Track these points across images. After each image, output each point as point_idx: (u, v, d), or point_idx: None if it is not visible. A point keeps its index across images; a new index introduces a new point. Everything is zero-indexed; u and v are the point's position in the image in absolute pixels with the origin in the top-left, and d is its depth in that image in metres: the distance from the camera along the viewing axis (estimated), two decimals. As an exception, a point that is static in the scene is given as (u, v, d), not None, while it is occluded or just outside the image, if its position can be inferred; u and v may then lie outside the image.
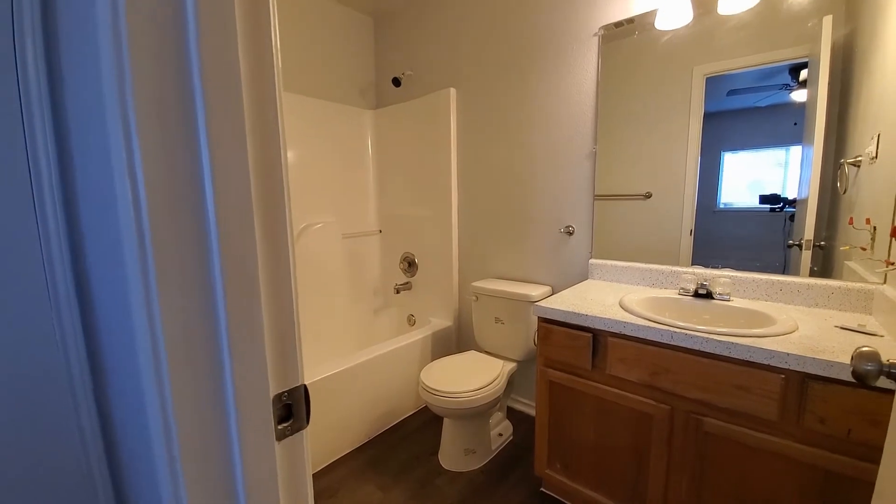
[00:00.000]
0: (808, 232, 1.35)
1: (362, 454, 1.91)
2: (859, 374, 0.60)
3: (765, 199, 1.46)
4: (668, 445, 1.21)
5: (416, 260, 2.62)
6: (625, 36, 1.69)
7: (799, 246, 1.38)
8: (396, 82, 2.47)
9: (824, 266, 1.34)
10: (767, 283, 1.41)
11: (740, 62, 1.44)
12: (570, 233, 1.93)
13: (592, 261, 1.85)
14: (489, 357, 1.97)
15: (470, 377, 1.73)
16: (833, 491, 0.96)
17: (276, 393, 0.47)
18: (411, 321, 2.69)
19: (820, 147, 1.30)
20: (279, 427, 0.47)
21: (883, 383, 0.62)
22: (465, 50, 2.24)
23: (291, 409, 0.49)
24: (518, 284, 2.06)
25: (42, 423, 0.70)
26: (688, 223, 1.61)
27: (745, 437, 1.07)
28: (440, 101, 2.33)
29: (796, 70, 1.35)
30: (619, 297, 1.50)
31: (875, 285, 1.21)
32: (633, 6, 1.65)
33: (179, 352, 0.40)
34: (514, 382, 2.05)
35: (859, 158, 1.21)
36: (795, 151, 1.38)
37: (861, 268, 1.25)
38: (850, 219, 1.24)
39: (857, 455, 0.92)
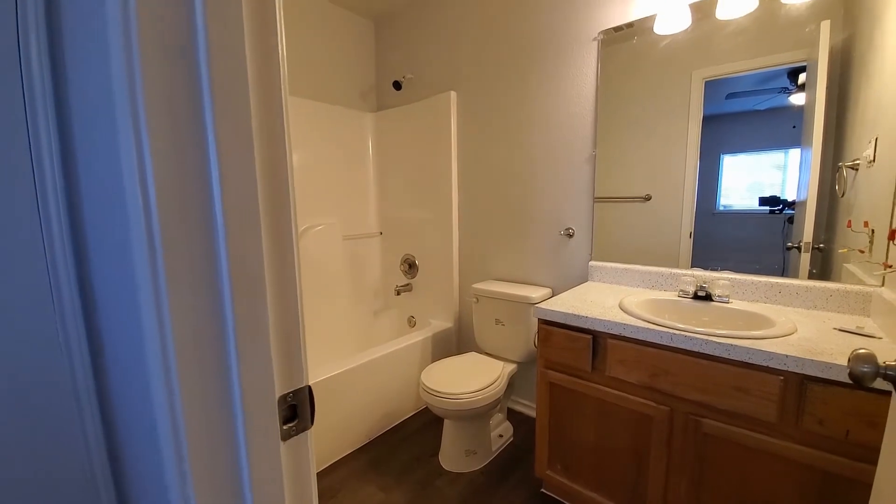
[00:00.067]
0: (807, 234, 1.36)
1: (363, 455, 1.91)
2: (856, 375, 0.61)
3: (764, 202, 1.46)
4: (668, 447, 1.21)
5: (417, 262, 2.62)
6: (624, 40, 1.70)
7: (798, 248, 1.39)
8: (397, 86, 2.48)
9: (823, 268, 1.35)
10: (766, 286, 1.42)
11: (739, 66, 1.45)
12: (570, 235, 1.94)
13: (592, 263, 1.86)
14: (489, 358, 1.98)
15: (470, 378, 1.74)
16: (832, 492, 0.97)
17: (281, 394, 0.47)
18: (412, 323, 2.69)
19: (818, 150, 1.30)
20: (284, 427, 0.48)
21: (880, 385, 0.63)
22: (466, 54, 2.25)
23: (296, 409, 0.49)
24: (518, 286, 2.06)
25: (45, 425, 0.70)
26: (687, 225, 1.62)
27: (744, 439, 1.08)
28: (440, 105, 2.34)
29: (795, 73, 1.35)
30: (618, 299, 1.50)
31: (873, 288, 1.22)
32: (632, 11, 1.66)
33: (188, 352, 0.40)
34: (514, 384, 2.06)
35: (857, 162, 1.22)
36: (794, 154, 1.39)
37: (859, 270, 1.26)
38: (849, 221, 1.25)
39: (856, 456, 0.92)
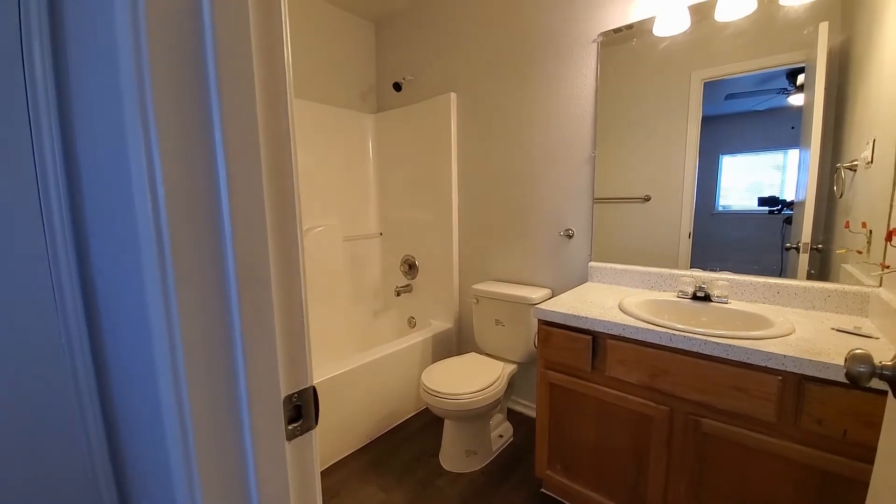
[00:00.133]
0: (806, 235, 1.36)
1: (364, 455, 1.92)
2: (852, 375, 0.61)
3: (763, 202, 1.47)
4: (668, 446, 1.22)
5: (417, 262, 2.63)
6: (623, 42, 1.70)
7: (796, 249, 1.39)
8: (397, 87, 2.49)
9: (821, 269, 1.35)
10: (765, 286, 1.42)
11: (738, 67, 1.46)
12: (570, 236, 1.95)
13: (592, 264, 1.87)
14: (489, 359, 1.99)
15: (470, 379, 1.75)
16: (830, 491, 0.97)
17: (286, 394, 0.48)
18: (412, 323, 2.70)
19: (817, 151, 1.31)
20: (289, 427, 0.48)
21: (876, 385, 0.63)
22: (466, 55, 2.26)
23: (301, 409, 0.50)
24: (518, 287, 2.07)
25: (46, 425, 0.70)
26: (686, 226, 1.63)
27: (743, 439, 1.08)
28: (440, 106, 2.34)
29: (793, 74, 1.36)
30: (618, 299, 1.51)
31: (871, 288, 1.23)
32: (631, 13, 1.67)
33: (196, 353, 0.41)
34: (514, 384, 2.06)
35: (855, 163, 1.23)
36: (793, 155, 1.40)
37: (857, 271, 1.26)
38: (847, 222, 1.26)
39: (854, 456, 0.93)
